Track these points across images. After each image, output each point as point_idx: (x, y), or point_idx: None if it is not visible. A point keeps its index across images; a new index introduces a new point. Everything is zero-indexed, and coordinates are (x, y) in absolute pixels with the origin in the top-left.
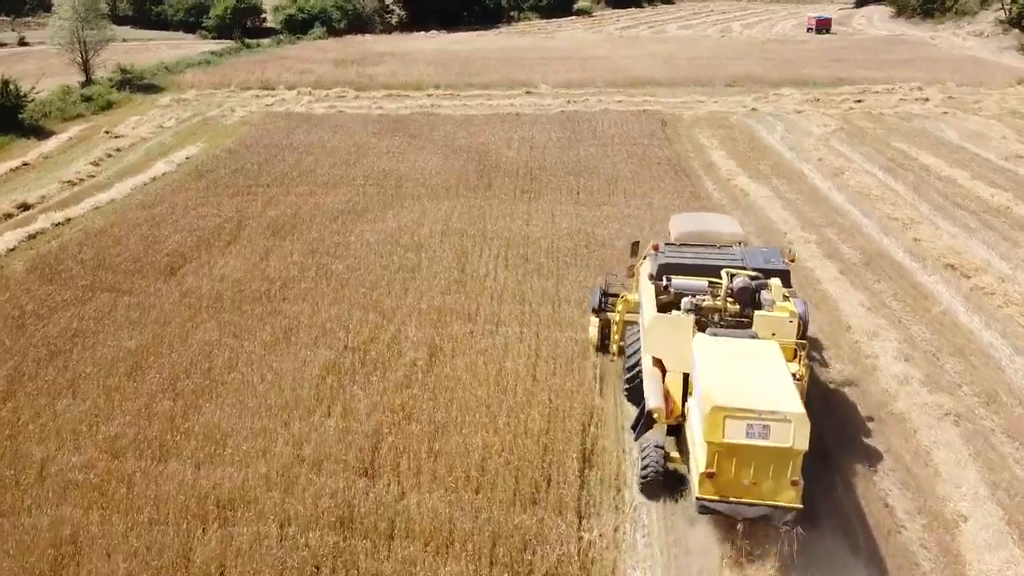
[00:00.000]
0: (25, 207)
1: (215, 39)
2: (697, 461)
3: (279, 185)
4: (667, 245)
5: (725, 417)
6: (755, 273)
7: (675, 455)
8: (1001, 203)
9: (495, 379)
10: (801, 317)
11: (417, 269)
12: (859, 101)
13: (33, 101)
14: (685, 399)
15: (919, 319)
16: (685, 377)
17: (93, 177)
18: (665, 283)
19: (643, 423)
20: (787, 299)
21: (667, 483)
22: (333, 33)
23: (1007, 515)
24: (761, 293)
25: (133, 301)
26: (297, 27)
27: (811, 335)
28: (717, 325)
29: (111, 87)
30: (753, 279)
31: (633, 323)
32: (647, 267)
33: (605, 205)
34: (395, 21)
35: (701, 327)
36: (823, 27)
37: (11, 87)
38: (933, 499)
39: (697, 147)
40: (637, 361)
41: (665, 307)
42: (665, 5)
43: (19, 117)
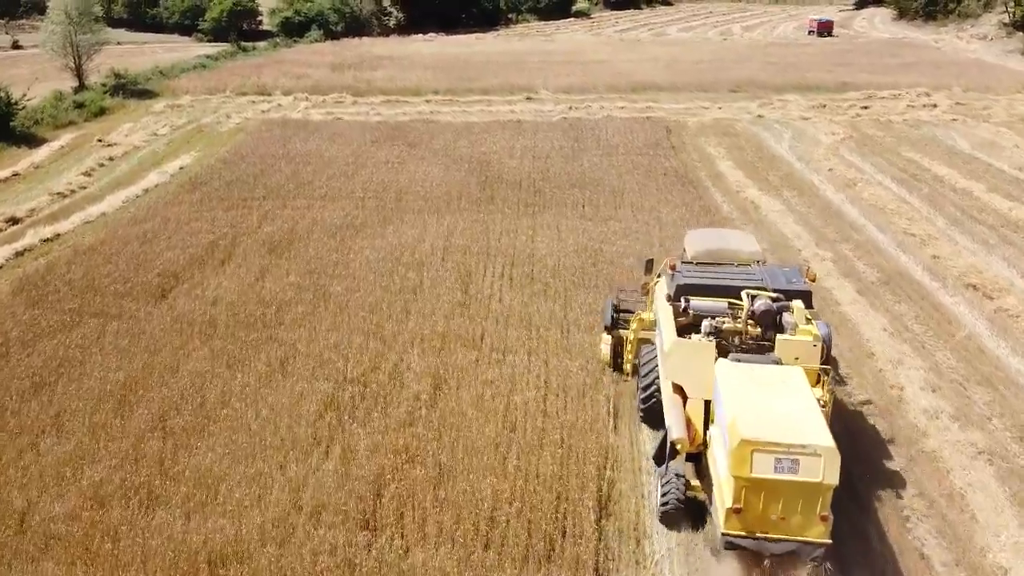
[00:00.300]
0: (14, 221)
1: (211, 42)
2: (723, 495)
3: (275, 198)
4: (683, 264)
5: (753, 451)
6: (776, 294)
7: (695, 483)
8: (1020, 217)
9: (503, 415)
10: (825, 341)
11: (419, 290)
12: (866, 107)
13: (24, 108)
14: (707, 426)
15: (943, 344)
16: (706, 404)
17: (84, 188)
18: (684, 305)
19: (667, 454)
20: (810, 322)
21: (688, 511)
22: (330, 36)
23: None
24: (783, 315)
25: (122, 327)
26: (294, 30)
27: (834, 360)
28: (738, 348)
29: (104, 93)
30: (774, 300)
31: (647, 341)
32: (663, 287)
33: (612, 220)
34: (393, 23)
35: (722, 350)
36: (824, 30)
37: (2, 94)
38: (971, 550)
39: (704, 156)
40: (652, 380)
41: (684, 329)
42: (664, 7)
43: (10, 125)
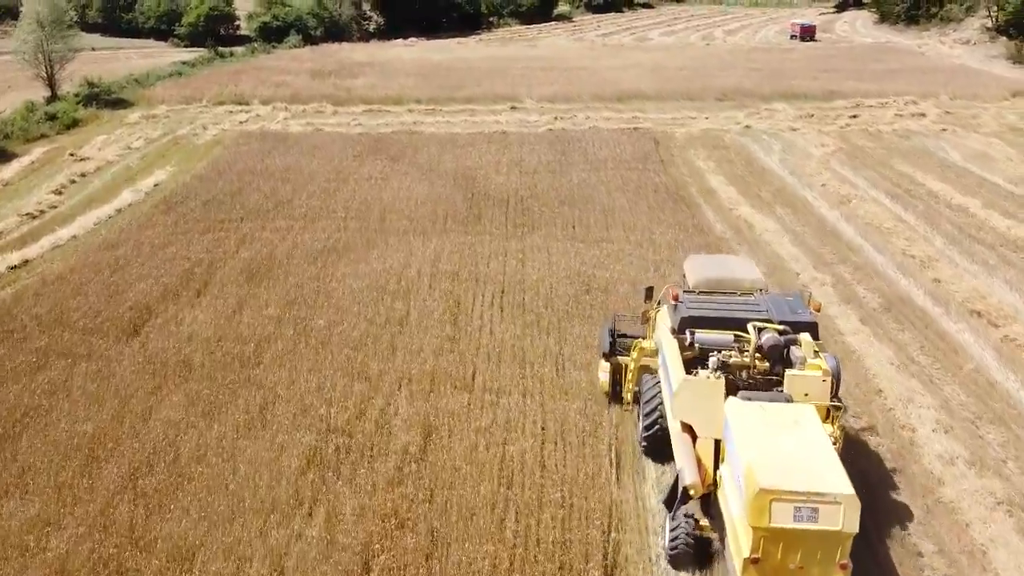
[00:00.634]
0: None
1: (187, 47)
2: (739, 544)
3: (253, 219)
4: (686, 293)
5: (772, 500)
6: (783, 327)
7: (705, 523)
8: (1019, 236)
9: (499, 469)
10: (834, 375)
11: (405, 322)
12: (854, 117)
13: None
14: (716, 465)
15: (952, 378)
16: (716, 443)
17: (55, 208)
18: (689, 339)
19: (679, 499)
20: (818, 355)
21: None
22: (309, 41)
23: None
24: (791, 349)
25: (91, 368)
26: (272, 35)
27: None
28: (745, 383)
29: (77, 103)
30: (781, 333)
31: (646, 368)
32: (665, 318)
33: (604, 241)
34: (372, 28)
35: (728, 385)
36: (807, 34)
37: None
38: None
39: (694, 171)
40: (655, 407)
41: (689, 362)
42: (645, 9)
43: None
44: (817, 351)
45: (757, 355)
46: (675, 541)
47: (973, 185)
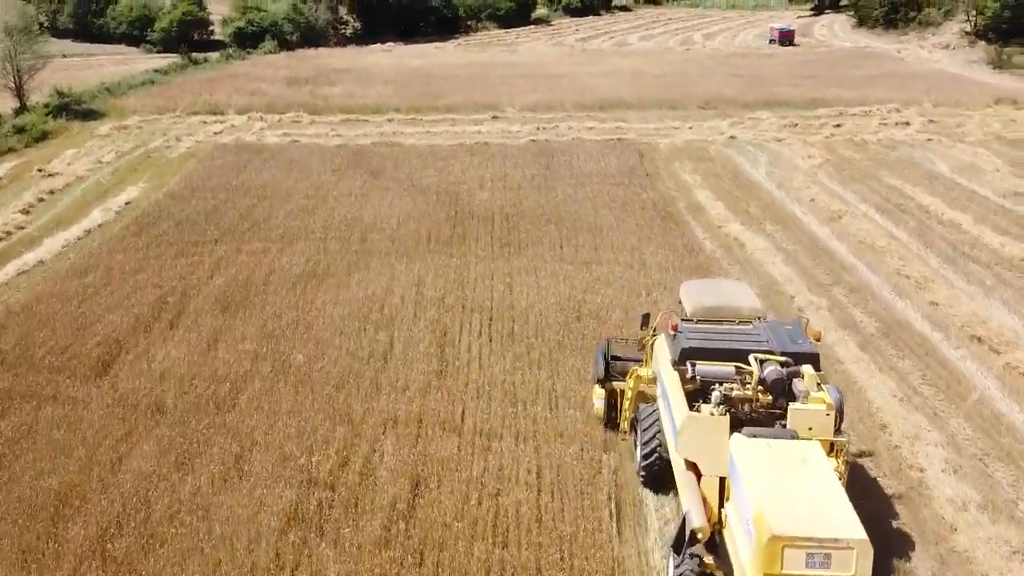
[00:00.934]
0: None
1: (160, 53)
2: None
3: (229, 240)
4: (684, 322)
5: (784, 547)
6: (785, 358)
7: (710, 561)
8: (1014, 255)
9: (492, 526)
10: (837, 409)
11: (389, 356)
12: (838, 126)
13: None
14: (721, 503)
15: (956, 410)
16: (721, 480)
17: (22, 229)
18: (691, 372)
19: (687, 541)
20: (820, 387)
21: None
22: (285, 46)
23: None
24: (793, 382)
25: (58, 413)
26: (247, 41)
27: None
28: (748, 416)
29: (47, 115)
30: (783, 364)
31: (643, 394)
32: (664, 348)
33: (593, 263)
34: (350, 32)
35: (731, 418)
36: (786, 39)
37: None
38: None
39: (680, 185)
40: (654, 435)
41: (689, 395)
42: (622, 12)
43: None
44: (820, 383)
45: (760, 388)
46: None
47: (963, 199)
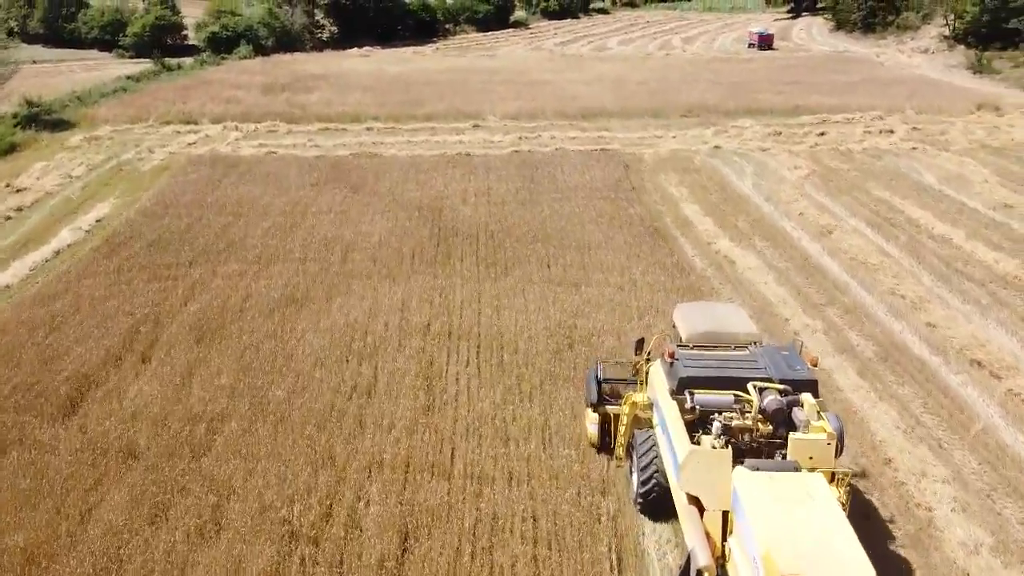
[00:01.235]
0: None
1: (132, 58)
2: None
3: (203, 263)
4: (679, 348)
5: None
6: (784, 386)
7: None
8: (1008, 271)
9: None
10: (838, 437)
11: (373, 391)
12: (822, 134)
13: None
14: (724, 537)
15: (960, 442)
16: (724, 514)
17: None
18: (690, 403)
19: None
20: (820, 416)
21: None
22: (260, 51)
23: None
24: (794, 410)
25: (23, 458)
26: (221, 45)
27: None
28: (748, 446)
29: (15, 126)
30: (782, 392)
31: (637, 419)
32: (661, 376)
33: (583, 284)
34: (326, 37)
35: (732, 449)
36: (765, 43)
37: None
38: None
39: (667, 198)
40: (649, 462)
41: (688, 425)
42: (601, 15)
43: None
44: (821, 413)
45: (759, 418)
46: None
47: (953, 212)
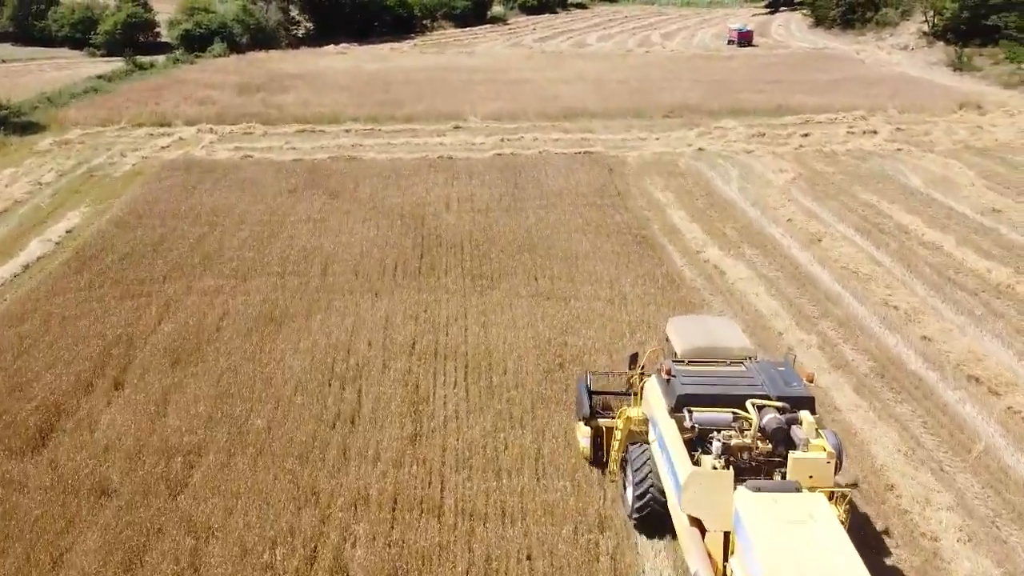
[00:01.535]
0: None
1: (104, 57)
2: None
3: (178, 277)
4: (675, 363)
5: None
6: (782, 403)
7: None
8: (1000, 280)
9: None
10: (837, 455)
11: (357, 418)
12: (806, 135)
13: None
14: (726, 557)
15: (962, 464)
16: (726, 535)
17: None
18: (690, 422)
19: None
20: (819, 434)
21: None
22: (235, 49)
23: None
24: (792, 428)
25: None
26: (195, 43)
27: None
28: (747, 464)
29: None
30: (780, 410)
31: (632, 432)
32: (656, 390)
33: (571, 298)
34: (302, 34)
35: (735, 470)
36: (745, 40)
37: None
38: None
39: (653, 204)
40: (644, 476)
41: (687, 444)
42: (579, 10)
43: None
44: (819, 431)
45: (759, 436)
46: None
47: (942, 217)
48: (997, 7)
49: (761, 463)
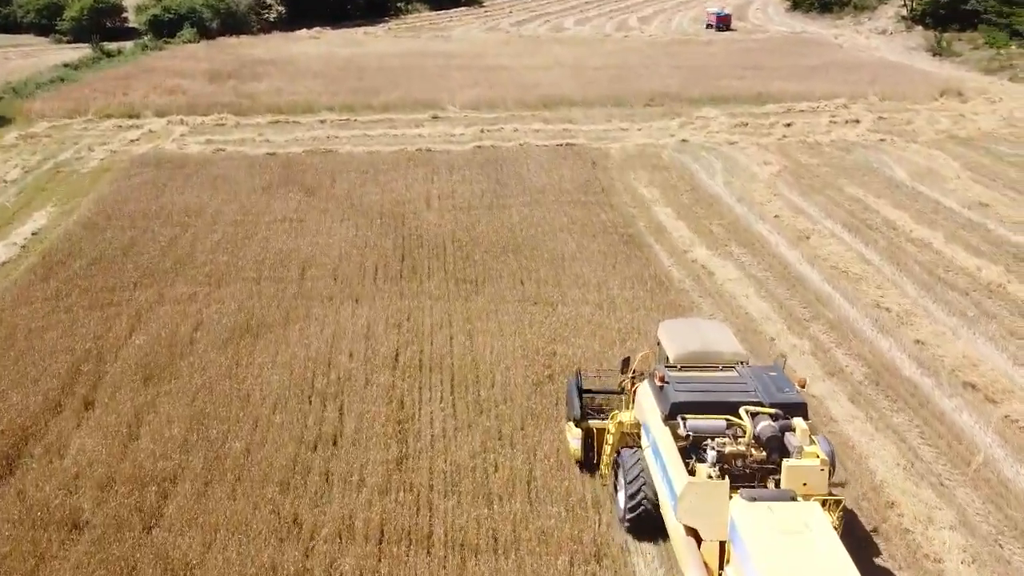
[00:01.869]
0: None
1: (71, 43)
2: None
3: (149, 284)
4: (667, 368)
5: None
6: (775, 410)
7: None
8: (991, 279)
9: None
10: (831, 462)
11: (340, 439)
12: (788, 125)
13: None
14: (721, 565)
15: (962, 477)
16: (721, 544)
17: None
18: (685, 431)
19: None
20: (813, 441)
21: None
22: (205, 35)
23: None
24: (786, 435)
25: None
26: (164, 29)
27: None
28: (741, 471)
29: None
30: (773, 416)
31: (624, 435)
32: (649, 396)
33: (559, 303)
34: (274, 18)
35: (724, 474)
36: (723, 24)
37: None
38: None
39: (638, 200)
40: (635, 477)
41: (681, 452)
42: None
43: None
44: (813, 438)
45: (753, 443)
46: None
47: (929, 211)
48: None
49: (755, 470)
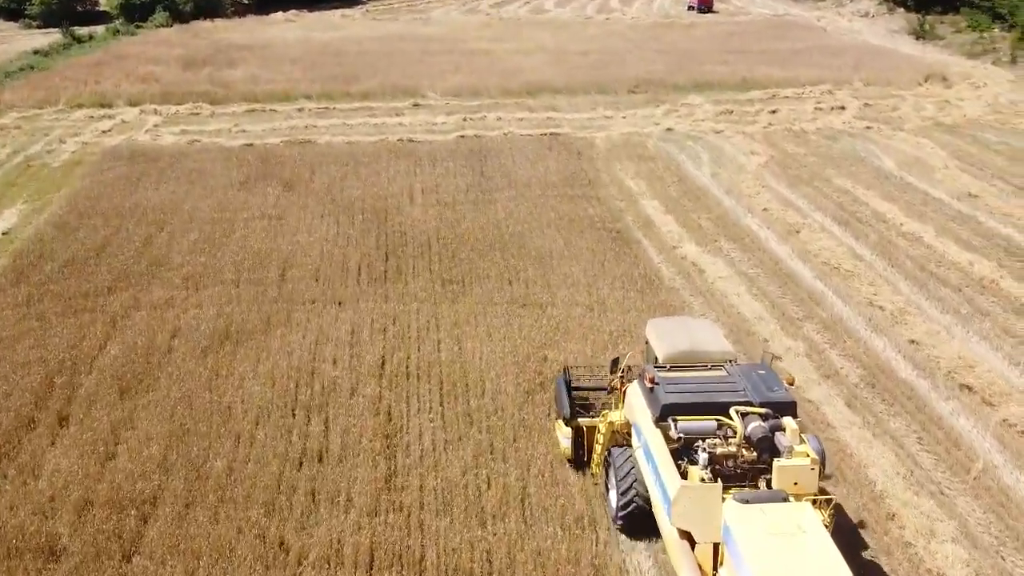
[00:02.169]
0: None
1: (40, 28)
2: None
3: (124, 288)
4: (656, 369)
5: None
6: (765, 410)
7: None
8: (984, 274)
9: None
10: (821, 461)
11: (326, 455)
12: (774, 112)
13: None
14: (715, 567)
15: (961, 484)
16: (715, 546)
17: None
18: (674, 431)
19: None
20: (802, 439)
21: None
22: (178, 18)
23: None
24: (776, 435)
25: None
26: (135, 13)
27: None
28: (732, 472)
29: None
30: (764, 417)
31: (615, 434)
32: (640, 397)
33: (548, 305)
34: (248, 0)
35: (715, 475)
36: (705, 6)
37: None
38: None
39: (625, 193)
40: (626, 474)
41: (672, 453)
42: None
43: None
44: (803, 437)
45: (744, 444)
46: None
47: (918, 204)
48: None
49: (746, 471)
